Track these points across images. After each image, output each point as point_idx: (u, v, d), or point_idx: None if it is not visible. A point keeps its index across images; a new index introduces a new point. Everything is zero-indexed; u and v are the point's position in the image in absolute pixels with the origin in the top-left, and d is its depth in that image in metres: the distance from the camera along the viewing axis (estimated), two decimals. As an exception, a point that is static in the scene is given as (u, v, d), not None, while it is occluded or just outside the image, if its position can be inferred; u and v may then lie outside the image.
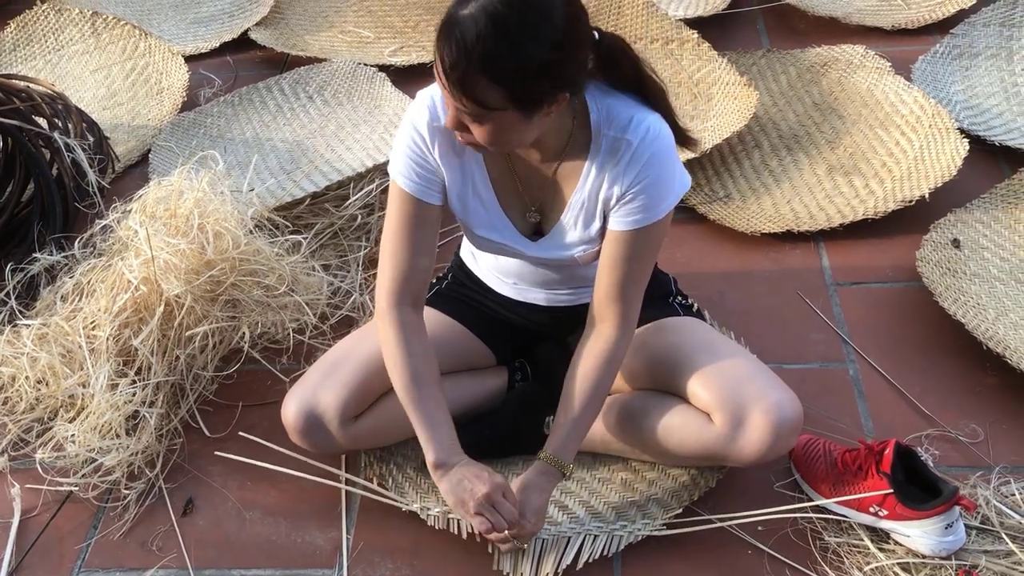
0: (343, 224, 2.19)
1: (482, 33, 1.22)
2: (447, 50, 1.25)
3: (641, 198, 1.42)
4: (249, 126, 2.66)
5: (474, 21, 1.22)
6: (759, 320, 1.96)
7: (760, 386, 1.51)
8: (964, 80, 2.54)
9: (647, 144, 1.39)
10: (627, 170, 1.41)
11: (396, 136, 1.49)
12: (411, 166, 1.48)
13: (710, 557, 1.56)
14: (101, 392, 1.77)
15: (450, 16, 1.25)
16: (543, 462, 1.51)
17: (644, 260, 1.48)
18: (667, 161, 1.42)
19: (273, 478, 1.73)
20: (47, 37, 3.05)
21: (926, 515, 1.47)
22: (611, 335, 1.50)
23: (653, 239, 1.47)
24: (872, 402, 1.78)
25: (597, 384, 1.51)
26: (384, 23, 3.10)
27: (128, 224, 1.95)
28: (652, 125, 1.39)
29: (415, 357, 1.51)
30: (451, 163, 1.49)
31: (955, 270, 1.96)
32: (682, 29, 2.63)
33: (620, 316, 1.50)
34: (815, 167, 2.32)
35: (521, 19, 1.23)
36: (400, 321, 1.52)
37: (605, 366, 1.50)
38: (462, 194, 1.53)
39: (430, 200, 1.50)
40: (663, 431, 1.58)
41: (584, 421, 1.52)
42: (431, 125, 1.45)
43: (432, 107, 1.45)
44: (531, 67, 1.26)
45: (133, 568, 1.63)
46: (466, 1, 1.24)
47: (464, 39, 1.23)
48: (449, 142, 1.47)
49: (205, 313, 1.87)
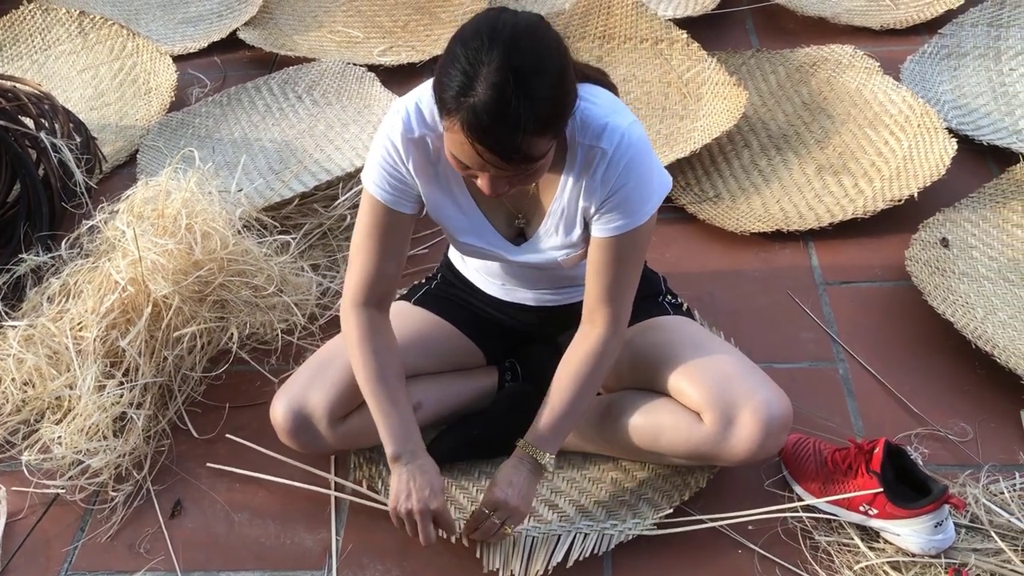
0: (332, 224, 2.18)
1: (512, 99, 1.19)
2: (490, 141, 1.22)
3: (621, 205, 1.41)
4: (238, 126, 2.65)
5: (499, 92, 1.19)
6: (749, 320, 1.96)
7: (750, 385, 1.51)
8: (952, 80, 2.55)
9: (622, 151, 1.38)
10: (604, 179, 1.40)
11: (372, 145, 1.48)
12: (384, 177, 1.47)
13: (700, 557, 1.56)
14: (88, 393, 1.75)
15: (467, 107, 1.21)
16: (520, 449, 1.51)
17: (631, 263, 1.47)
18: (643, 165, 1.40)
19: (261, 480, 1.72)
20: (34, 37, 3.03)
21: (916, 514, 1.48)
22: (601, 334, 1.50)
23: (638, 242, 1.46)
24: (862, 401, 1.78)
25: (583, 381, 1.50)
26: (373, 23, 3.09)
27: (115, 224, 1.94)
28: (626, 131, 1.38)
29: (378, 354, 1.52)
30: (426, 174, 1.48)
31: (944, 269, 1.96)
32: (671, 29, 2.64)
33: (610, 317, 1.49)
34: (804, 167, 2.33)
35: (534, 60, 1.22)
36: (363, 321, 1.53)
37: (593, 364, 1.50)
38: (440, 203, 1.52)
39: (402, 210, 1.50)
40: (652, 430, 1.58)
41: (567, 416, 1.51)
42: (405, 137, 1.43)
43: (407, 120, 1.43)
44: (560, 95, 1.25)
45: (121, 571, 1.62)
46: (468, 87, 1.20)
47: (504, 117, 1.20)
48: (424, 154, 1.45)
49: (193, 314, 1.86)
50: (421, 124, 1.42)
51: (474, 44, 1.21)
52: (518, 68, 1.20)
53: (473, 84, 1.20)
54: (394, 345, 1.56)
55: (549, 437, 1.51)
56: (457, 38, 1.25)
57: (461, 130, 1.23)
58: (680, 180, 2.32)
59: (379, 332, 1.54)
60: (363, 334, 1.53)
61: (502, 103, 1.20)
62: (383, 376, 1.52)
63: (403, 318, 1.74)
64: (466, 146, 1.25)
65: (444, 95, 1.24)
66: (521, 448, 1.51)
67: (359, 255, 1.52)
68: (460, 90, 1.21)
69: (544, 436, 1.51)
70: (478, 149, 1.24)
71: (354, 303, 1.54)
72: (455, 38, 1.26)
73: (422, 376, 1.72)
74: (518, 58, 1.21)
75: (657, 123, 2.49)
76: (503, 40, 1.21)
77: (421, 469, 1.50)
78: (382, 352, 1.53)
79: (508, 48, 1.20)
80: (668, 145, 2.40)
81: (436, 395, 1.73)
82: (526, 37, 1.23)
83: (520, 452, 1.52)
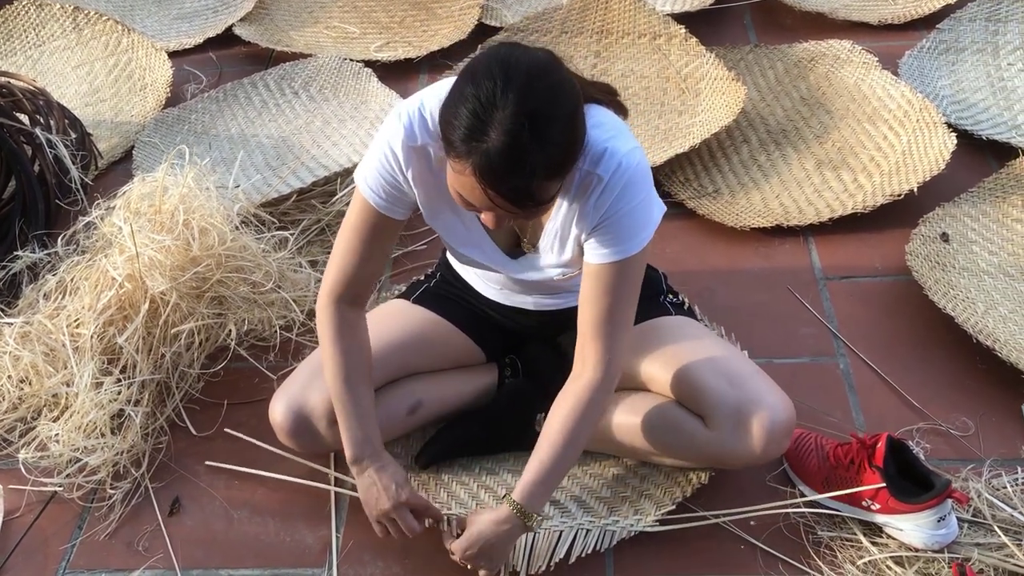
0: (330, 220, 2.17)
1: (528, 146, 1.17)
2: (504, 188, 1.20)
3: (613, 232, 1.38)
4: (234, 122, 2.63)
5: (514, 139, 1.16)
6: (749, 315, 1.95)
7: (754, 390, 1.50)
8: (951, 75, 2.55)
9: (617, 178, 1.34)
10: (597, 204, 1.36)
11: (371, 145, 1.44)
12: (380, 182, 1.43)
13: (703, 552, 1.56)
14: (85, 391, 1.74)
15: (480, 152, 1.18)
16: (507, 508, 1.44)
17: (622, 297, 1.42)
18: (639, 194, 1.36)
19: (261, 477, 1.71)
20: (28, 33, 3.01)
21: (919, 508, 1.47)
22: (592, 378, 1.44)
23: (629, 275, 1.41)
24: (863, 396, 1.78)
25: (572, 434, 1.44)
26: (369, 19, 3.07)
27: (112, 221, 1.92)
28: (624, 158, 1.33)
29: (347, 354, 1.51)
30: (426, 184, 1.44)
31: (944, 264, 1.96)
32: (670, 24, 2.63)
33: (601, 357, 1.43)
34: (803, 162, 2.32)
35: (549, 104, 1.19)
36: (337, 317, 1.51)
37: (581, 415, 1.44)
38: (439, 213, 1.49)
39: (393, 215, 1.47)
40: (655, 434, 1.57)
41: (555, 471, 1.45)
42: (406, 145, 1.39)
43: (409, 127, 1.38)
44: (573, 139, 1.24)
45: (119, 569, 1.61)
46: (480, 131, 1.18)
47: (520, 165, 1.18)
48: (425, 163, 1.41)
49: (191, 310, 1.85)
50: (424, 132, 1.38)
51: (487, 85, 1.18)
52: (533, 113, 1.17)
53: (486, 128, 1.17)
54: (365, 345, 1.55)
55: (538, 495, 1.44)
56: (467, 76, 1.21)
57: (473, 175, 1.20)
58: (679, 175, 2.31)
59: (351, 331, 1.52)
60: (335, 332, 1.51)
61: (517, 150, 1.17)
62: (348, 378, 1.51)
63: (403, 316, 1.73)
64: (477, 190, 1.22)
65: (452, 136, 1.21)
66: (509, 507, 1.44)
67: (342, 251, 1.50)
68: (470, 133, 1.18)
69: (533, 494, 1.44)
70: (490, 194, 1.22)
71: (331, 298, 1.52)
72: (464, 76, 1.22)
73: (422, 374, 1.71)
74: (533, 102, 1.17)
75: (655, 118, 2.48)
76: (518, 84, 1.17)
77: (381, 469, 1.51)
78: (352, 352, 1.51)
79: (523, 92, 1.17)
80: (667, 140, 2.39)
81: (436, 393, 1.72)
82: (540, 79, 1.19)
83: (507, 511, 1.44)
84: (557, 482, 1.48)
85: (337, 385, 1.51)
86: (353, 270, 1.50)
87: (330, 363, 1.51)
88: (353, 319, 1.53)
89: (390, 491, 1.49)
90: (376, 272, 1.54)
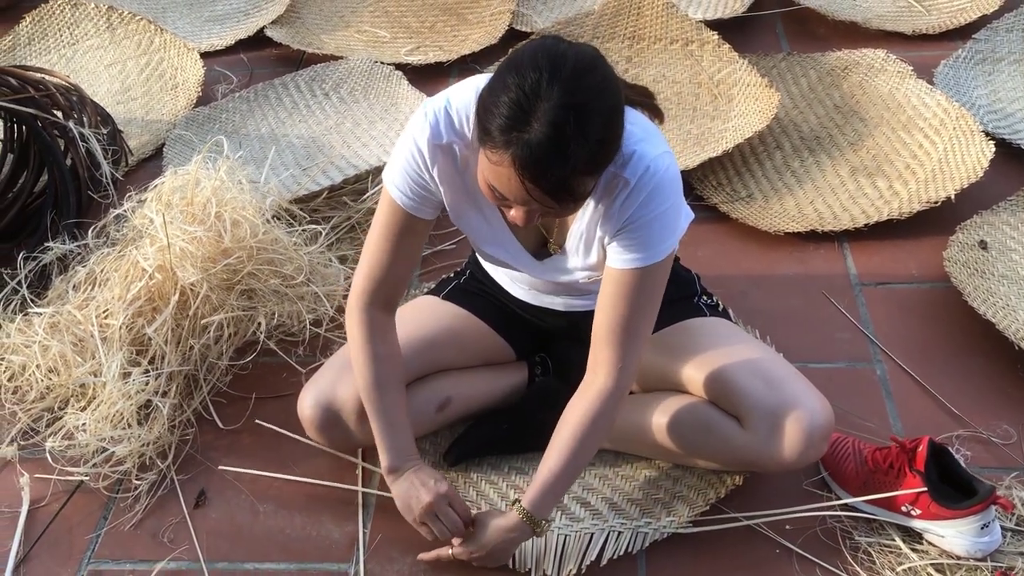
0: (360, 218, 2.16)
1: (571, 138, 1.15)
2: (543, 180, 1.17)
3: (636, 238, 1.35)
4: (264, 122, 2.63)
5: (557, 131, 1.14)
6: (783, 319, 1.92)
7: (793, 392, 1.47)
8: (987, 84, 2.52)
9: (644, 182, 1.31)
10: (623, 208, 1.33)
11: (397, 144, 1.42)
12: (407, 182, 1.41)
13: (737, 556, 1.52)
14: (113, 381, 1.73)
15: (521, 143, 1.15)
16: (517, 515, 1.44)
17: (641, 306, 1.39)
18: (665, 200, 1.33)
19: (288, 469, 1.70)
20: (62, 32, 3.03)
21: (961, 514, 1.43)
22: (604, 387, 1.42)
23: (652, 282, 1.38)
24: (900, 402, 1.74)
25: (581, 442, 1.42)
26: (400, 23, 3.08)
27: (143, 212, 1.92)
28: (653, 163, 1.30)
29: (379, 360, 1.49)
30: (452, 183, 1.42)
31: (983, 271, 1.93)
32: (702, 30, 2.61)
33: (615, 364, 1.41)
34: (838, 168, 2.30)
35: (594, 98, 1.17)
36: (367, 321, 1.49)
37: (591, 423, 1.42)
38: (464, 212, 1.48)
39: (420, 215, 1.44)
40: (689, 435, 1.55)
41: (564, 478, 1.44)
42: (432, 143, 1.36)
43: (435, 124, 1.36)
44: (614, 136, 1.22)
45: (144, 560, 1.59)
46: (522, 121, 1.15)
47: (562, 157, 1.15)
48: (451, 162, 1.39)
49: (221, 302, 1.84)
50: (450, 130, 1.36)
51: (532, 75, 1.16)
52: (578, 106, 1.15)
53: (528, 119, 1.15)
54: (396, 350, 1.53)
55: (547, 502, 1.44)
56: (511, 66, 1.19)
57: (512, 165, 1.17)
58: (712, 180, 2.29)
59: (382, 336, 1.50)
60: (365, 338, 1.49)
61: (561, 142, 1.15)
62: (380, 385, 1.49)
63: (432, 312, 1.71)
64: (514, 180, 1.19)
65: (491, 125, 1.18)
66: (518, 514, 1.43)
67: (371, 253, 1.48)
68: (511, 123, 1.16)
69: (542, 502, 1.43)
70: (528, 187, 1.19)
71: (360, 302, 1.50)
72: (507, 66, 1.20)
73: (452, 371, 1.69)
74: (579, 95, 1.15)
75: (687, 123, 2.46)
76: (564, 76, 1.15)
77: (417, 471, 1.49)
78: (383, 359, 1.49)
79: (569, 85, 1.15)
80: (699, 145, 2.37)
81: (466, 390, 1.70)
82: (587, 73, 1.17)
83: (516, 519, 1.44)
84: (566, 489, 1.47)
85: (369, 393, 1.49)
86: (383, 272, 1.48)
87: (361, 370, 1.49)
88: (383, 323, 1.51)
89: (428, 485, 1.47)
90: (406, 274, 1.51)
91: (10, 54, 3.01)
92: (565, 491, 1.47)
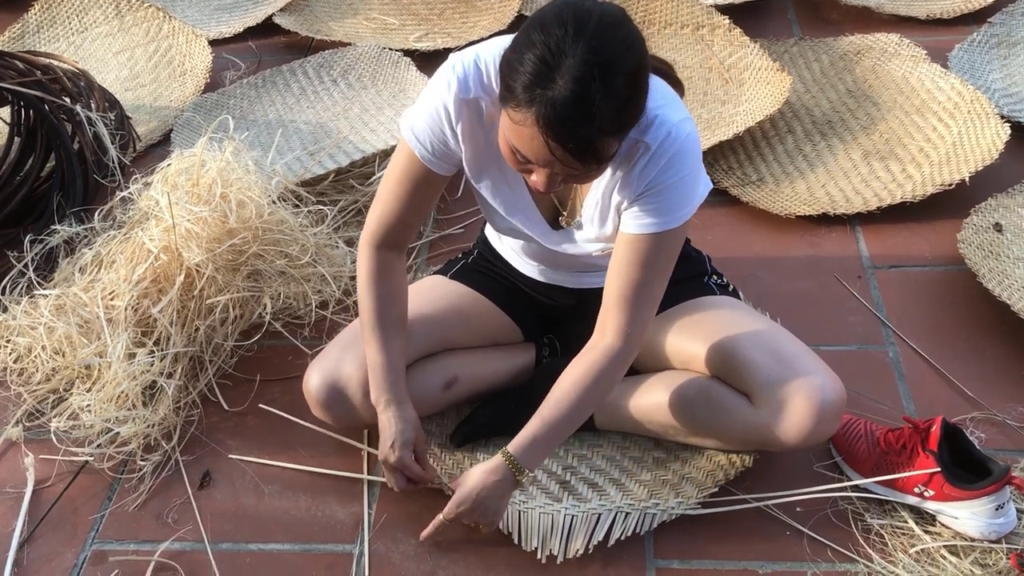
0: (367, 201, 2.14)
1: (596, 95, 1.11)
2: (568, 138, 1.14)
3: (656, 203, 1.32)
4: (272, 108, 2.62)
5: (583, 88, 1.11)
6: (795, 302, 1.90)
7: (803, 368, 1.44)
8: (1002, 68, 2.48)
9: (665, 148, 1.29)
10: (643, 174, 1.31)
11: (423, 94, 1.39)
12: (428, 134, 1.39)
13: (746, 537, 1.50)
14: (118, 362, 1.72)
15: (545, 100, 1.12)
16: (500, 458, 1.41)
17: (656, 271, 1.37)
18: (687, 166, 1.31)
19: (292, 451, 1.69)
20: (71, 19, 3.03)
21: (976, 495, 1.41)
22: (609, 346, 1.40)
23: (667, 248, 1.36)
24: (913, 384, 1.72)
25: (581, 396, 1.40)
26: (409, 10, 3.06)
27: (149, 194, 1.91)
28: (674, 128, 1.28)
29: (382, 300, 1.51)
30: (475, 141, 1.40)
31: (998, 253, 1.90)
32: (713, 15, 2.59)
33: (623, 327, 1.39)
34: (850, 152, 2.27)
35: (620, 56, 1.13)
36: (377, 259, 1.52)
37: (594, 378, 1.40)
38: (484, 172, 1.45)
39: (437, 170, 1.43)
40: (698, 413, 1.53)
41: (557, 432, 1.42)
42: (459, 97, 1.34)
43: (463, 78, 1.33)
44: (639, 94, 1.19)
45: (148, 540, 1.58)
46: (547, 78, 1.12)
47: (587, 115, 1.12)
48: (476, 117, 1.37)
49: (226, 283, 1.83)
50: (478, 85, 1.33)
51: (557, 32, 1.13)
52: (604, 63, 1.12)
53: (553, 75, 1.12)
54: (401, 290, 1.55)
55: (534, 452, 1.41)
56: (536, 23, 1.16)
57: (536, 124, 1.14)
58: (723, 164, 2.27)
59: (388, 274, 1.52)
60: (372, 276, 1.51)
61: (586, 99, 1.12)
62: (380, 321, 1.51)
63: (440, 291, 1.70)
64: (537, 140, 1.16)
65: (514, 82, 1.15)
66: (502, 457, 1.41)
67: (384, 199, 1.49)
68: (536, 80, 1.13)
69: (529, 451, 1.41)
70: (551, 146, 1.16)
71: (371, 242, 1.52)
72: (532, 23, 1.17)
73: (459, 350, 1.68)
74: (605, 52, 1.12)
75: (699, 108, 2.44)
76: (589, 32, 1.12)
77: (393, 418, 1.50)
78: (386, 298, 1.52)
79: (595, 42, 1.12)
80: (710, 129, 2.35)
81: (473, 370, 1.68)
82: (613, 31, 1.14)
83: (500, 462, 1.41)
84: (554, 444, 1.45)
85: (368, 328, 1.51)
86: (394, 219, 1.49)
87: (364, 306, 1.52)
88: (391, 262, 1.53)
89: (385, 446, 1.49)
90: (416, 223, 1.53)
91: (19, 41, 3.01)
92: (553, 446, 1.44)
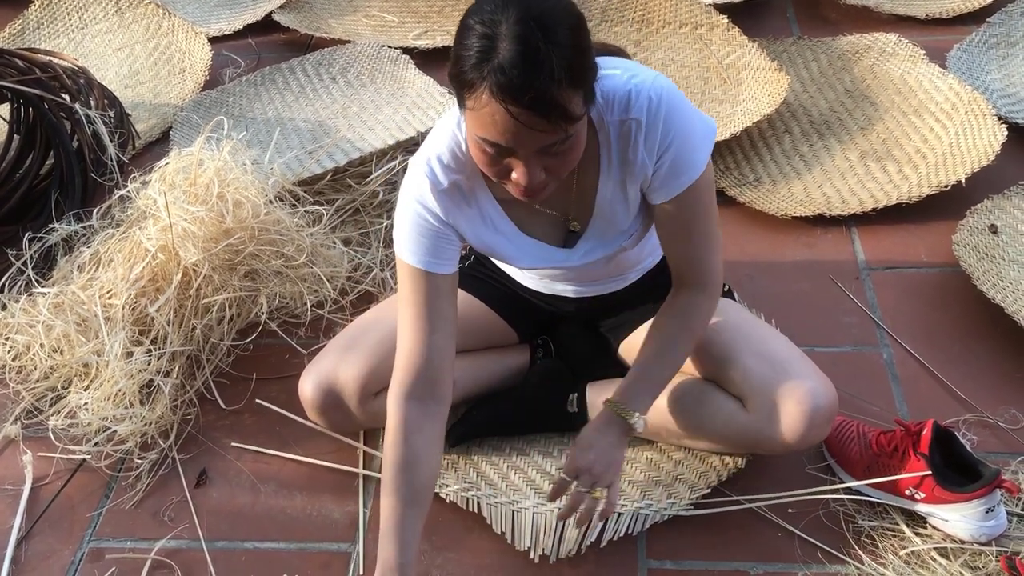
0: (364, 200, 2.15)
1: (540, 45, 1.10)
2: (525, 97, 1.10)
3: (673, 164, 1.32)
4: (271, 105, 2.63)
5: (524, 43, 1.09)
6: (789, 303, 1.91)
7: (795, 373, 1.45)
8: (1001, 69, 2.48)
9: (655, 114, 1.28)
10: (647, 149, 1.31)
11: (397, 211, 1.38)
12: (418, 241, 1.37)
13: (738, 538, 1.51)
14: (116, 360, 1.73)
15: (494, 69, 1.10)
16: (606, 409, 1.42)
17: (702, 218, 1.38)
18: (682, 118, 1.30)
19: (289, 449, 1.70)
20: (71, 15, 3.04)
21: (966, 498, 1.42)
22: (690, 293, 1.43)
23: (702, 194, 1.36)
24: (906, 386, 1.72)
25: (671, 337, 1.42)
26: (408, 8, 3.07)
27: (147, 193, 1.92)
28: (651, 91, 1.27)
29: (405, 466, 1.36)
30: (466, 215, 1.39)
31: (993, 256, 1.90)
32: (712, 14, 2.59)
33: (698, 279, 1.42)
34: (847, 153, 2.27)
35: (553, 9, 1.13)
36: (405, 415, 1.38)
37: (681, 319, 1.43)
38: (483, 237, 1.43)
39: (442, 271, 1.39)
40: (691, 416, 1.54)
41: (652, 373, 1.43)
42: (436, 191, 1.34)
43: (432, 175, 1.34)
44: (584, 44, 1.17)
45: (144, 538, 1.59)
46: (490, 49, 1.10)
47: (537, 66, 1.09)
48: (459, 197, 1.37)
49: (223, 283, 1.84)
50: (447, 172, 1.34)
51: (488, 7, 1.13)
52: (539, 17, 1.11)
53: (495, 44, 1.11)
54: (431, 454, 1.39)
55: (639, 394, 1.41)
56: (469, 12, 1.16)
57: (492, 97, 1.12)
58: (719, 164, 2.27)
59: (416, 434, 1.37)
60: (397, 435, 1.37)
61: (531, 52, 1.10)
62: (398, 490, 1.35)
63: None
64: (499, 114, 1.13)
65: (463, 69, 1.13)
66: (608, 407, 1.41)
67: (404, 333, 1.39)
68: (481, 56, 1.11)
69: (630, 392, 1.41)
70: (513, 111, 1.12)
71: (400, 393, 1.39)
72: (466, 14, 1.17)
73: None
74: (536, 9, 1.12)
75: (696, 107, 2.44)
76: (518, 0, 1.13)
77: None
78: (409, 465, 1.36)
79: (525, 3, 1.12)
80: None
81: (468, 373, 1.69)
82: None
83: (606, 413, 1.41)
84: (656, 385, 1.44)
85: (386, 492, 1.36)
86: (420, 349, 1.38)
87: (384, 469, 1.38)
88: (421, 419, 1.38)
89: None
90: (445, 345, 1.39)
91: (19, 38, 3.02)
92: (658, 389, 1.44)
